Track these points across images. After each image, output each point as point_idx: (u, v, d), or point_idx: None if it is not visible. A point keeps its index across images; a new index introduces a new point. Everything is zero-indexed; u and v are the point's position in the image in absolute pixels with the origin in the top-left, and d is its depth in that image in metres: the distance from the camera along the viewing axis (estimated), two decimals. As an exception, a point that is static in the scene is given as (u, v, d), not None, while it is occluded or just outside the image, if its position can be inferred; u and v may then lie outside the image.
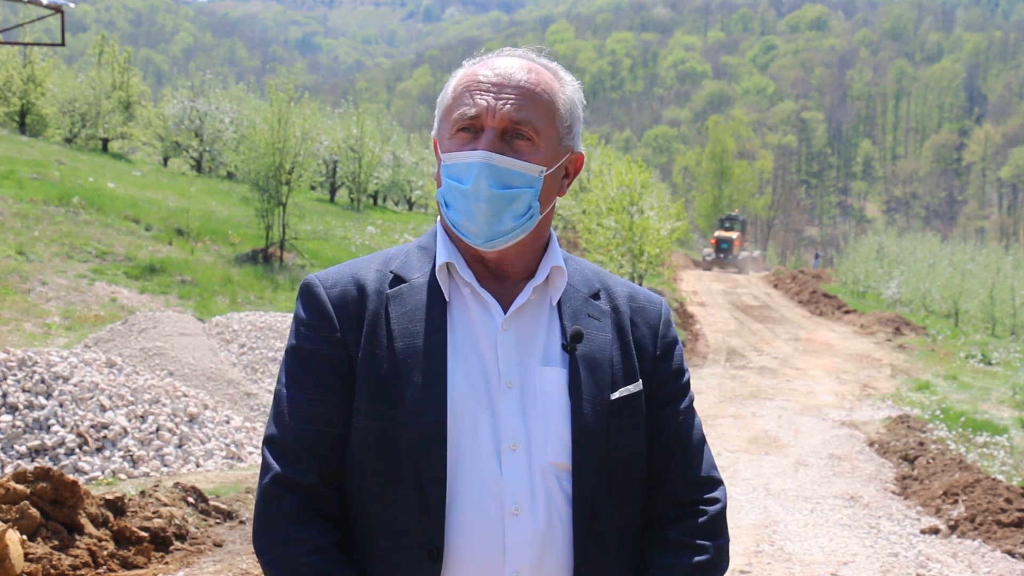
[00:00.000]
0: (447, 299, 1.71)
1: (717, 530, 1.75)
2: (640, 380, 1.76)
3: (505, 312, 1.71)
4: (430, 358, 1.66)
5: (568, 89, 1.76)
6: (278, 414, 1.69)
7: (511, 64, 1.73)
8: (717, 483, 1.80)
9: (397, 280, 1.74)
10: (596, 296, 1.81)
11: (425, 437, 1.62)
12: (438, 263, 1.73)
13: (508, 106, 1.68)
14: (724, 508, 1.78)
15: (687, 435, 1.79)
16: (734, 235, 44.52)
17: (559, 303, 1.76)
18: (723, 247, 43.84)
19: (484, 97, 1.69)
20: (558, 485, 1.65)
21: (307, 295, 1.74)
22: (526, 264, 1.76)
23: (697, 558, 1.71)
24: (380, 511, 1.64)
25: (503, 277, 1.75)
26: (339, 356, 1.68)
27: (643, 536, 1.76)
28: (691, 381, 1.87)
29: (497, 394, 1.67)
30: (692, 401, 1.84)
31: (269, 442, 1.69)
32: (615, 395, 1.71)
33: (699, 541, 1.73)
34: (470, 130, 1.69)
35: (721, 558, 1.75)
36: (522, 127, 1.68)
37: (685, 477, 1.77)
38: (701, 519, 1.74)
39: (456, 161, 1.69)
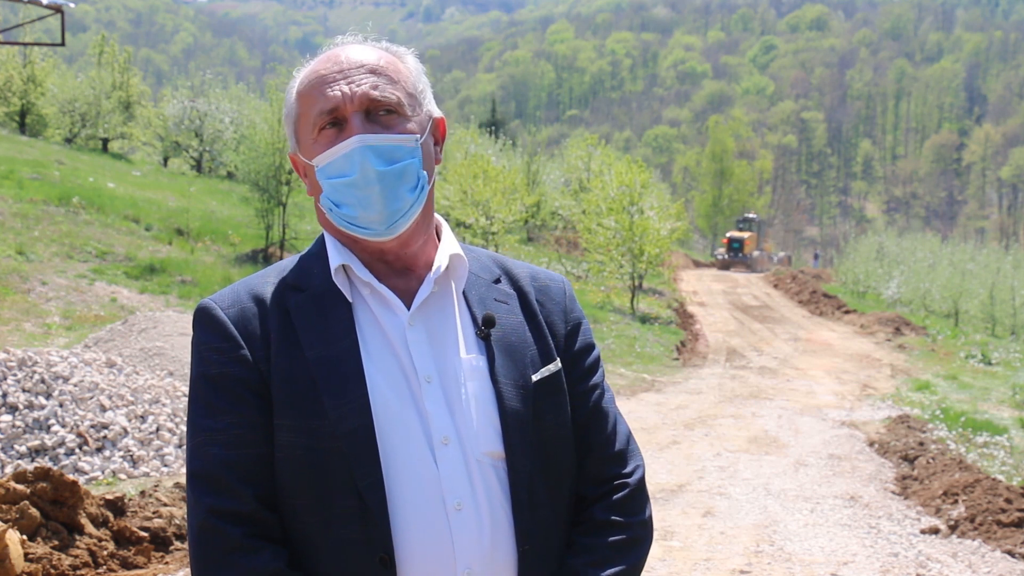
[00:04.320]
0: (350, 301, 1.67)
1: (640, 504, 1.77)
2: (558, 359, 1.74)
3: (409, 308, 1.67)
4: (345, 363, 1.62)
5: (408, 59, 1.74)
6: (197, 446, 1.62)
7: (349, 50, 1.70)
8: (634, 454, 1.81)
9: (294, 291, 1.68)
10: (498, 281, 1.78)
11: (354, 443, 1.58)
12: (332, 266, 1.68)
13: (363, 87, 1.65)
14: (643, 478, 1.80)
15: (604, 410, 1.79)
16: (746, 235, 45.68)
17: (464, 291, 1.73)
18: (734, 247, 45.15)
19: (336, 87, 1.65)
20: (495, 475, 1.63)
21: (205, 319, 1.67)
22: (426, 253, 1.73)
23: (622, 536, 1.72)
24: (319, 526, 1.59)
25: (405, 271, 1.71)
26: (250, 375, 1.62)
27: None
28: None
29: (418, 390, 1.63)
30: (604, 376, 1.84)
31: (195, 476, 1.61)
32: (536, 376, 1.70)
33: (623, 519, 1.73)
34: (334, 124, 1.65)
35: (645, 533, 1.76)
36: (383, 103, 1.65)
37: (605, 453, 1.77)
38: (623, 494, 1.75)
39: (332, 158, 1.64)
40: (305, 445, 1.59)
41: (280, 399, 1.61)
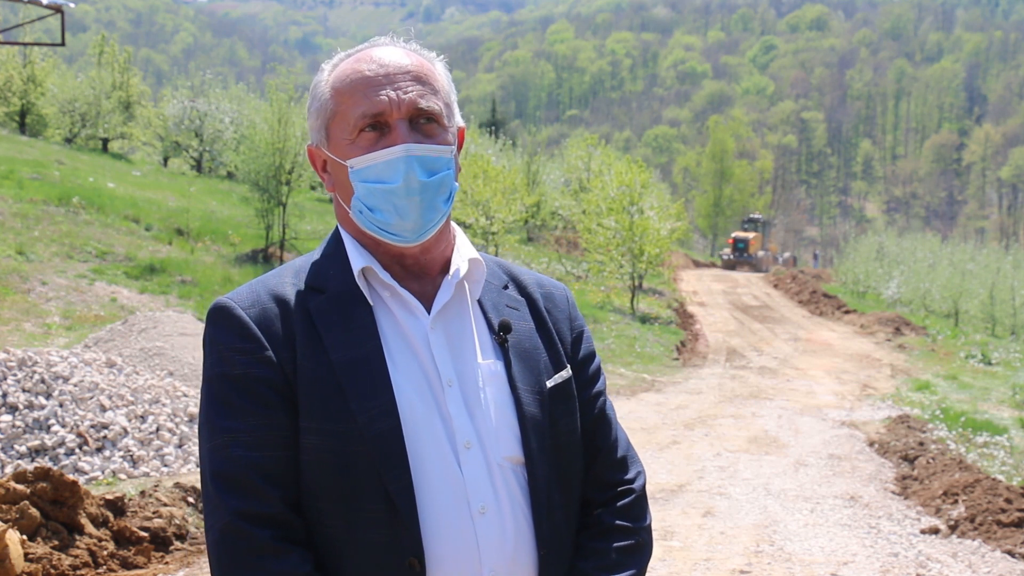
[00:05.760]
0: (371, 304, 1.66)
1: (643, 510, 1.80)
2: (568, 366, 1.77)
3: (429, 311, 1.68)
4: (370, 366, 1.61)
5: (439, 65, 1.73)
6: (219, 447, 1.58)
7: (392, 53, 1.69)
8: (635, 460, 1.84)
9: (314, 292, 1.67)
10: (506, 287, 1.80)
11: (383, 447, 1.58)
12: (355, 269, 1.67)
13: (410, 94, 1.64)
14: (645, 484, 1.83)
15: (607, 417, 1.82)
16: (751, 235, 46.43)
17: (479, 296, 1.75)
18: (739, 247, 45.94)
19: (383, 92, 1.63)
20: (515, 479, 1.65)
21: (224, 318, 1.64)
22: (443, 255, 1.73)
23: (627, 542, 1.75)
24: (346, 529, 1.58)
25: (421, 274, 1.71)
26: (275, 376, 1.60)
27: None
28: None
29: (441, 394, 1.64)
30: (605, 382, 1.86)
31: (218, 477, 1.57)
32: (550, 383, 1.72)
33: (628, 524, 1.76)
34: (375, 128, 1.64)
35: (649, 538, 1.80)
36: (427, 112, 1.65)
37: (610, 458, 1.80)
38: (629, 499, 1.78)
39: (372, 162, 1.63)
40: (332, 448, 1.58)
41: (306, 402, 1.60)
